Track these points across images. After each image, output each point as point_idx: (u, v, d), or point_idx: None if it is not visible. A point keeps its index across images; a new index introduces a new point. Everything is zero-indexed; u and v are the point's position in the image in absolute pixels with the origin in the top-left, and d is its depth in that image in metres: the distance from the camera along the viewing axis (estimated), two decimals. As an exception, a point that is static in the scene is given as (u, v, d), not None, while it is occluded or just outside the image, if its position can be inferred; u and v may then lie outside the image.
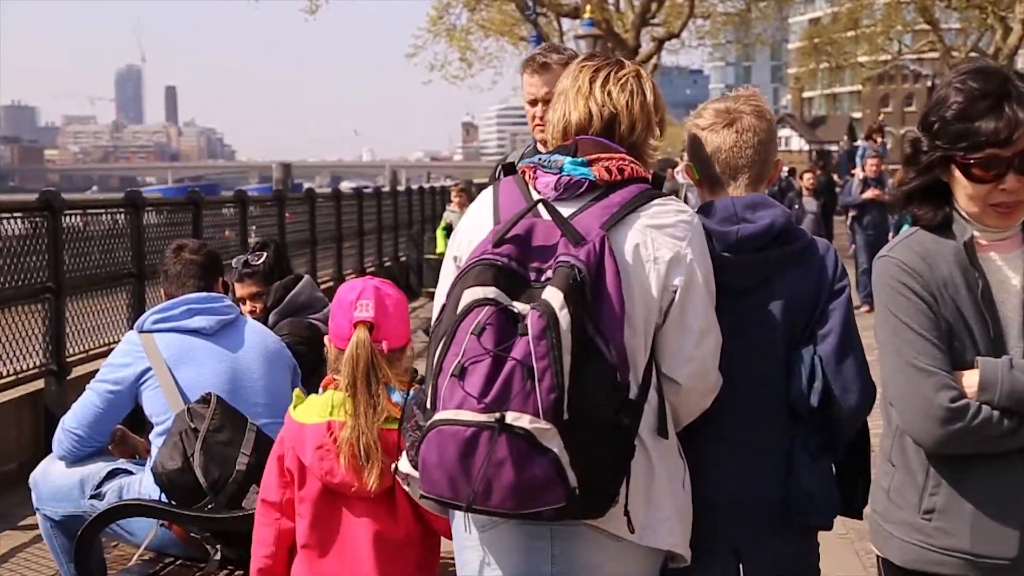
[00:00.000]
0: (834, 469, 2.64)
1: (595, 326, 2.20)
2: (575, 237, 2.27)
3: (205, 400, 3.62)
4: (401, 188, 22.60)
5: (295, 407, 2.88)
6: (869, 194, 13.27)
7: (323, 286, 12.84)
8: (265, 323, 4.51)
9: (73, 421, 3.87)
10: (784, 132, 73.69)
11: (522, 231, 2.30)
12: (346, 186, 26.02)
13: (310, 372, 4.27)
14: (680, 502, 2.41)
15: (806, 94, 78.10)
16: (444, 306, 2.29)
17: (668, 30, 32.02)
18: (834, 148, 44.54)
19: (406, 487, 2.51)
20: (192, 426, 3.54)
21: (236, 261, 4.86)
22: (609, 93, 2.47)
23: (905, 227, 2.68)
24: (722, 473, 2.53)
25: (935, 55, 40.89)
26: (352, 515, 2.79)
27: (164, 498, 3.57)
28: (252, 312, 4.68)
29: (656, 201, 2.40)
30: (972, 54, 39.84)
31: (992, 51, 34.29)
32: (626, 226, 2.36)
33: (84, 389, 3.93)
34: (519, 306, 2.19)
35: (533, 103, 3.85)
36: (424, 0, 36.33)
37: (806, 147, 56.01)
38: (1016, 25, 32.88)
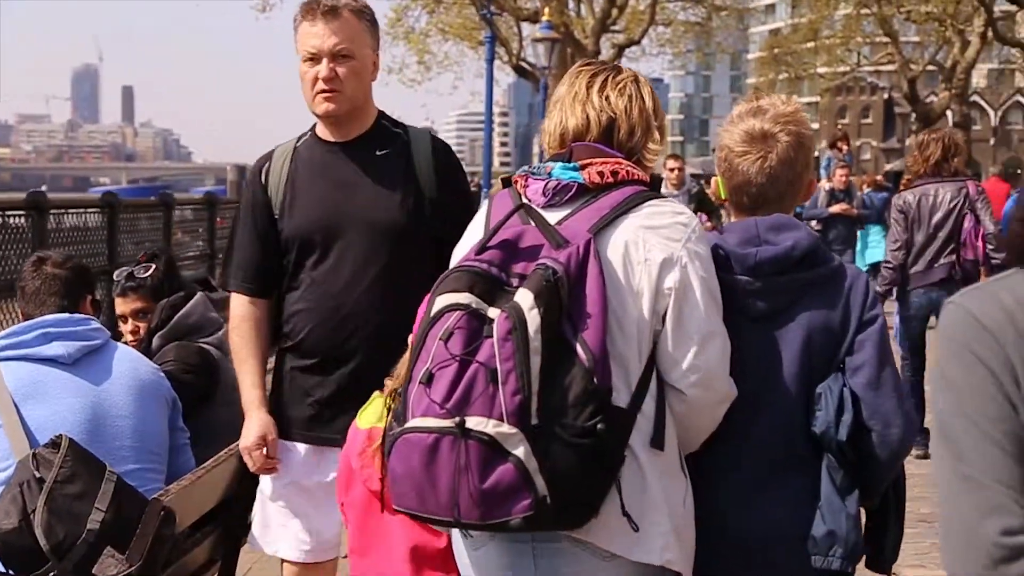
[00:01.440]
0: (864, 515, 2.48)
1: (573, 328, 2.13)
2: (557, 241, 2.21)
3: (55, 444, 3.03)
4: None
5: (363, 410, 2.82)
6: (836, 208, 12.17)
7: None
8: (148, 346, 3.91)
9: None
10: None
11: (510, 236, 2.25)
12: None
13: (198, 402, 3.72)
14: (678, 519, 2.28)
15: (765, 105, 78.13)
16: (422, 312, 2.24)
17: (629, 37, 31.80)
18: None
19: None
20: (37, 476, 2.96)
21: (119, 273, 4.23)
22: (607, 98, 2.41)
23: (875, 236, 2.34)
24: (739, 505, 2.40)
25: (893, 67, 40.92)
26: (393, 523, 2.69)
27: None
28: (134, 332, 4.06)
29: (651, 202, 2.32)
30: (930, 67, 39.99)
31: (950, 64, 34.32)
32: (616, 228, 2.28)
33: None
34: (493, 312, 2.13)
35: (314, 59, 3.20)
36: (382, 1, 35.92)
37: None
38: (974, 38, 32.89)
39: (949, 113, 34.87)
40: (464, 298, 2.15)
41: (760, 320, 2.43)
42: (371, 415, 2.80)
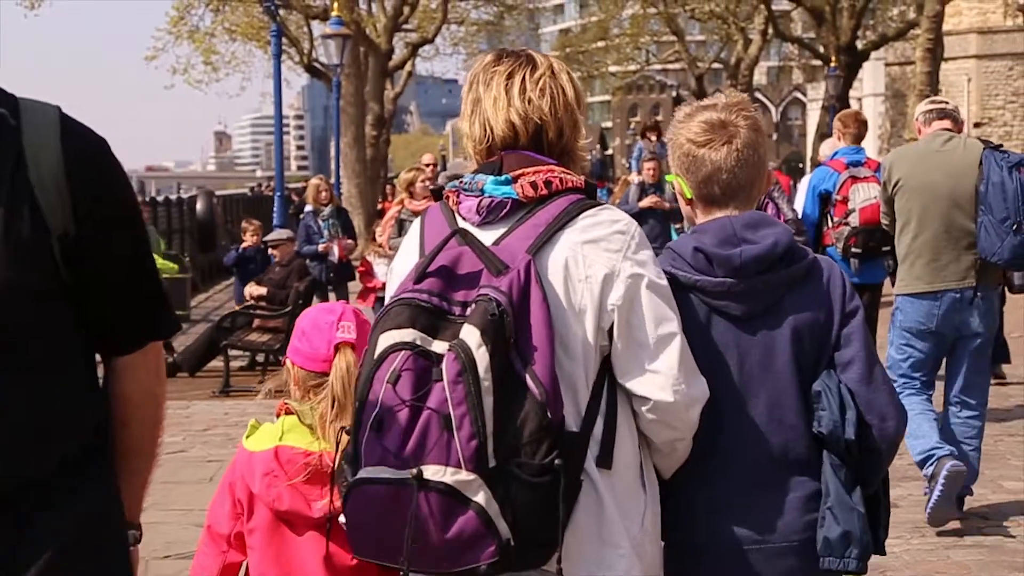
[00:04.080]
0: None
1: (522, 361, 2.07)
2: (496, 267, 2.13)
3: None
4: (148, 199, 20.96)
5: (248, 436, 2.80)
6: (647, 201, 11.81)
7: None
8: None
9: None
10: (539, 141, 74.13)
11: (447, 262, 2.16)
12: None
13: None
14: (638, 536, 2.24)
15: (559, 103, 79.44)
16: (365, 351, 2.15)
17: (422, 35, 31.61)
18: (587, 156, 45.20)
19: None
20: None
21: None
22: (529, 101, 2.30)
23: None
24: (730, 513, 2.37)
25: (681, 66, 42.05)
26: (302, 542, 2.71)
27: None
28: None
29: (587, 213, 2.24)
30: (716, 64, 41.29)
31: (734, 61, 35.50)
32: (555, 245, 2.21)
33: None
34: (438, 346, 2.07)
35: None
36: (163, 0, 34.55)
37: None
38: (756, 36, 34.09)
39: (735, 108, 35.94)
40: (408, 335, 2.08)
41: (744, 320, 2.40)
42: (264, 437, 2.76)
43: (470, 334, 2.04)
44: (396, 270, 2.36)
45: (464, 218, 2.28)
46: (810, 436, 2.40)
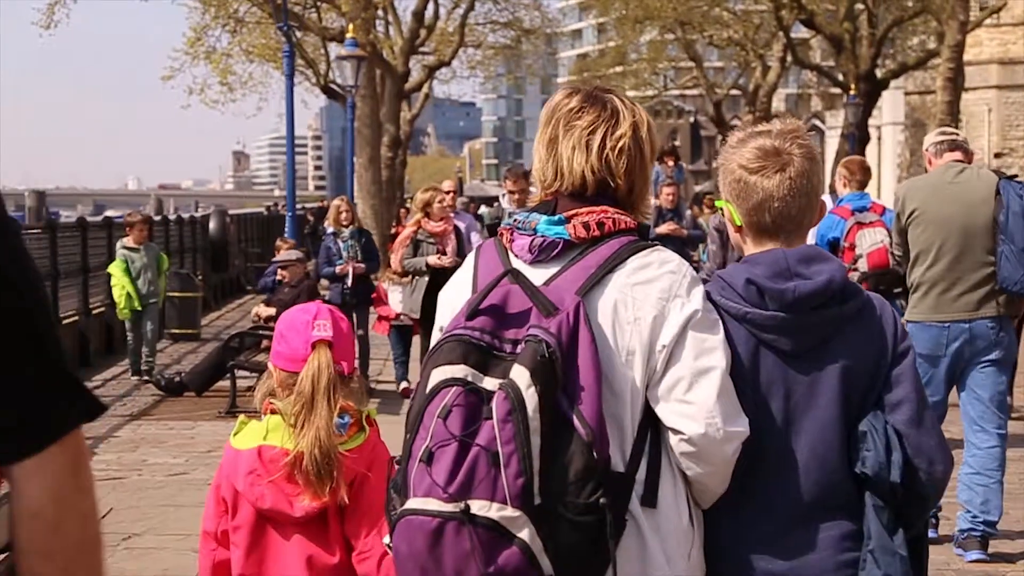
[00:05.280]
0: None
1: (569, 401, 2.13)
2: (546, 308, 2.18)
3: None
4: (172, 216, 20.85)
5: (235, 434, 2.84)
6: (665, 228, 11.48)
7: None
8: None
9: None
10: (555, 165, 74.09)
11: (497, 300, 2.21)
12: (111, 215, 24.11)
13: None
14: (683, 574, 2.27)
15: (576, 128, 79.44)
16: (418, 385, 2.22)
17: (438, 58, 31.58)
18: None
19: None
20: None
21: None
22: (607, 160, 2.33)
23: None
24: (768, 551, 2.34)
25: (699, 91, 41.98)
26: (284, 541, 2.76)
27: None
28: None
29: (638, 254, 2.28)
30: (734, 91, 41.19)
31: (752, 88, 35.38)
32: (605, 287, 2.26)
33: None
34: (489, 383, 2.13)
35: None
36: (182, 21, 34.59)
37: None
38: (774, 63, 33.98)
39: (752, 135, 35.83)
40: (460, 371, 2.13)
41: (792, 356, 2.36)
42: (249, 435, 2.79)
43: (520, 375, 2.09)
44: (447, 301, 2.41)
45: (517, 256, 2.33)
46: (851, 476, 2.36)
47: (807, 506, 2.35)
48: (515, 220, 2.37)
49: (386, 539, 2.40)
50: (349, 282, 10.83)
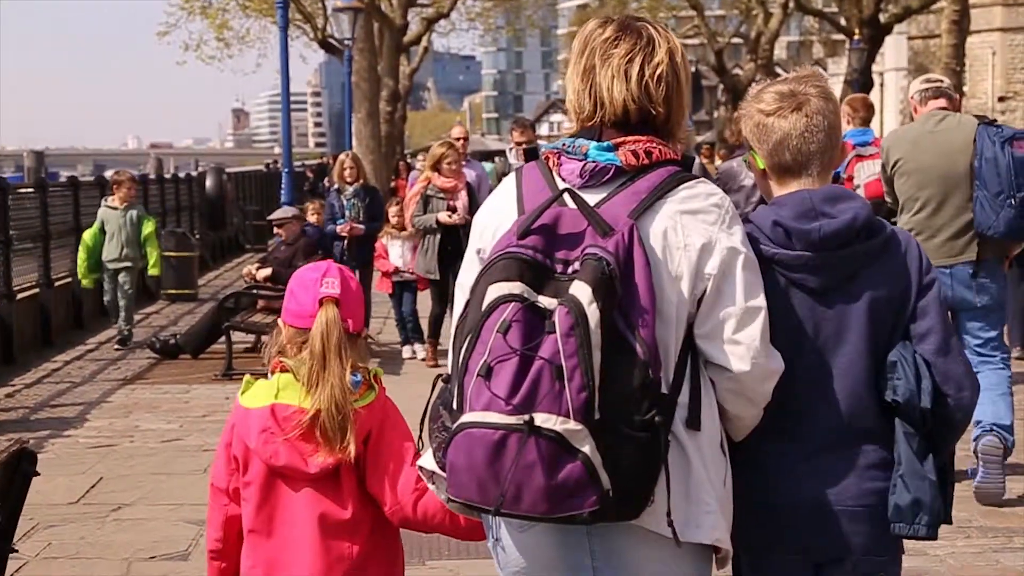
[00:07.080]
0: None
1: (626, 321, 2.16)
2: (603, 228, 2.22)
3: None
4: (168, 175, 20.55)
5: (243, 392, 2.84)
6: None
7: (23, 295, 11.19)
8: None
9: None
10: (556, 117, 74.34)
11: (549, 221, 2.24)
12: (110, 174, 23.92)
13: None
14: (722, 497, 2.34)
15: (577, 80, 78.90)
16: (468, 302, 2.24)
17: (437, 10, 31.19)
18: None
19: (431, 485, 2.46)
20: None
21: None
22: (646, 88, 2.37)
23: None
24: (802, 477, 2.43)
25: (700, 40, 41.47)
26: (297, 497, 2.76)
27: None
28: None
29: (685, 184, 2.34)
30: (735, 39, 40.68)
31: (754, 36, 34.90)
32: (655, 213, 2.31)
33: None
34: (545, 301, 2.15)
35: None
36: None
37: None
38: (776, 10, 33.50)
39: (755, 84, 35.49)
40: (516, 287, 2.15)
41: (820, 293, 2.44)
42: (260, 393, 2.79)
43: (582, 291, 2.12)
44: (484, 221, 2.42)
45: (565, 179, 2.35)
46: (879, 406, 2.44)
47: (838, 435, 2.44)
48: (563, 144, 2.39)
49: (423, 461, 2.44)
50: (345, 244, 10.57)
